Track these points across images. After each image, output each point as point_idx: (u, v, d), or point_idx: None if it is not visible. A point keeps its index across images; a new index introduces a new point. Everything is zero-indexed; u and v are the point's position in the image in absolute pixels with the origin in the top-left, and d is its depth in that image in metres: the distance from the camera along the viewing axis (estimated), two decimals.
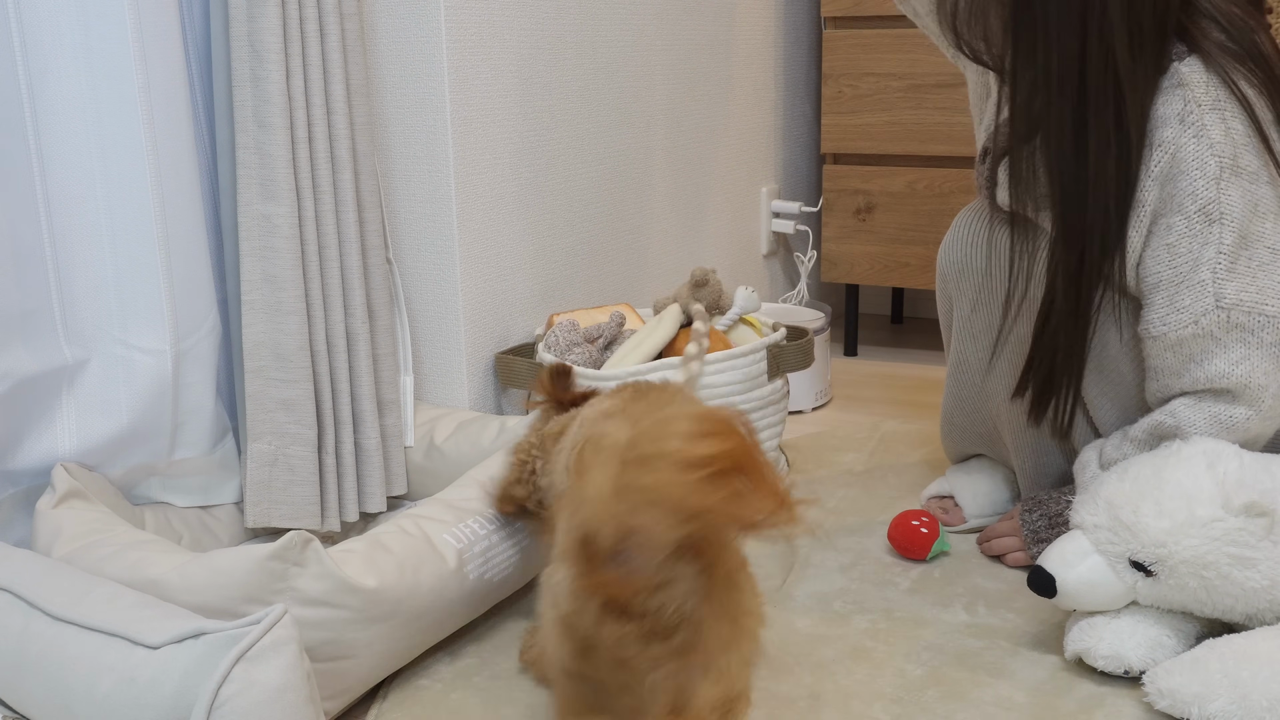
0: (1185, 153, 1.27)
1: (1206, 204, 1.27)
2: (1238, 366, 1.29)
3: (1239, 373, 1.29)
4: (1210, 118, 1.27)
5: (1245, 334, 1.28)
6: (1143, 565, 1.21)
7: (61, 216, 1.39)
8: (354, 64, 1.52)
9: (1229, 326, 1.28)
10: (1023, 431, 1.54)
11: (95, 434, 1.43)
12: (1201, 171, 1.27)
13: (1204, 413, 1.31)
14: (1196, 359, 1.31)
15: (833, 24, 2.45)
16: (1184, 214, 1.28)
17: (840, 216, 2.51)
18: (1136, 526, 1.20)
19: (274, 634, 1.02)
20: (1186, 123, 1.27)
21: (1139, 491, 1.22)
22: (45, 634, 1.10)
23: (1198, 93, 1.27)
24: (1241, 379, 1.29)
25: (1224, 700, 1.13)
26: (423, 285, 1.74)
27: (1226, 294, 1.28)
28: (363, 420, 1.58)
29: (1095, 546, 1.24)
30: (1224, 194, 1.27)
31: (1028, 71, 1.31)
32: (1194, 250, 1.28)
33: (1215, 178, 1.26)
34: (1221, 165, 1.26)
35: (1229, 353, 1.29)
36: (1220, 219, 1.27)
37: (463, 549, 1.33)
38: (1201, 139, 1.26)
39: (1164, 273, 1.30)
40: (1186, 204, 1.28)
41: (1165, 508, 1.19)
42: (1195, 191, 1.27)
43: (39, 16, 1.33)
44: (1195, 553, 1.18)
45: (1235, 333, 1.29)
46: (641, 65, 2.12)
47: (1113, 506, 1.23)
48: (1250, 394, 1.29)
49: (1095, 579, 1.23)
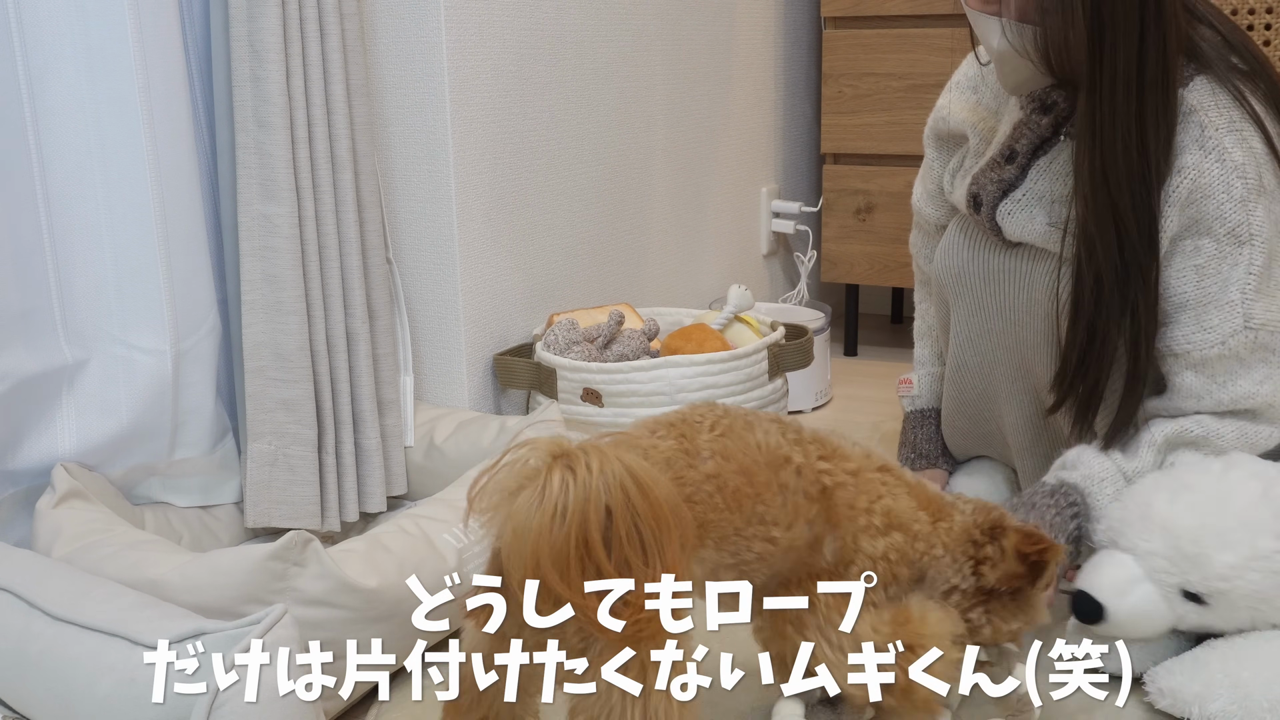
0: (1209, 177, 1.26)
1: (1235, 226, 1.26)
2: (1262, 386, 1.29)
3: (1264, 392, 1.29)
4: (1230, 140, 1.26)
5: (1269, 354, 1.28)
6: (1197, 596, 1.18)
7: (61, 216, 1.39)
8: (354, 64, 1.52)
9: (1255, 347, 1.28)
10: (1024, 432, 1.54)
11: (95, 434, 1.43)
12: (1228, 194, 1.26)
13: (1231, 426, 1.31)
14: (1220, 380, 1.30)
15: (833, 24, 2.45)
16: (1213, 236, 1.27)
17: (840, 216, 2.51)
18: (1200, 559, 1.17)
19: (274, 634, 1.02)
20: (1206, 148, 1.26)
21: (1200, 521, 1.18)
22: (45, 634, 1.10)
23: (1212, 116, 1.27)
24: (1266, 399, 1.29)
25: (1225, 700, 1.13)
26: (423, 285, 1.74)
27: (1255, 314, 1.27)
28: (363, 420, 1.58)
29: (1148, 574, 1.19)
30: (1252, 215, 1.26)
31: (1105, 76, 1.26)
32: (1223, 271, 1.28)
33: (1242, 200, 1.26)
34: (1247, 187, 1.26)
35: (1253, 373, 1.29)
36: (1250, 240, 1.26)
37: (463, 549, 1.33)
38: (1225, 162, 1.26)
39: (1190, 292, 1.29)
40: (1215, 227, 1.27)
41: (1229, 539, 1.16)
42: (1224, 215, 1.26)
43: (39, 16, 1.33)
44: (1257, 587, 1.16)
45: (1260, 353, 1.28)
46: (641, 65, 2.12)
47: (1172, 535, 1.18)
48: (1274, 413, 1.30)
49: (1147, 608, 1.19)
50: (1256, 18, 2.02)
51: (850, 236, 2.50)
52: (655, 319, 1.85)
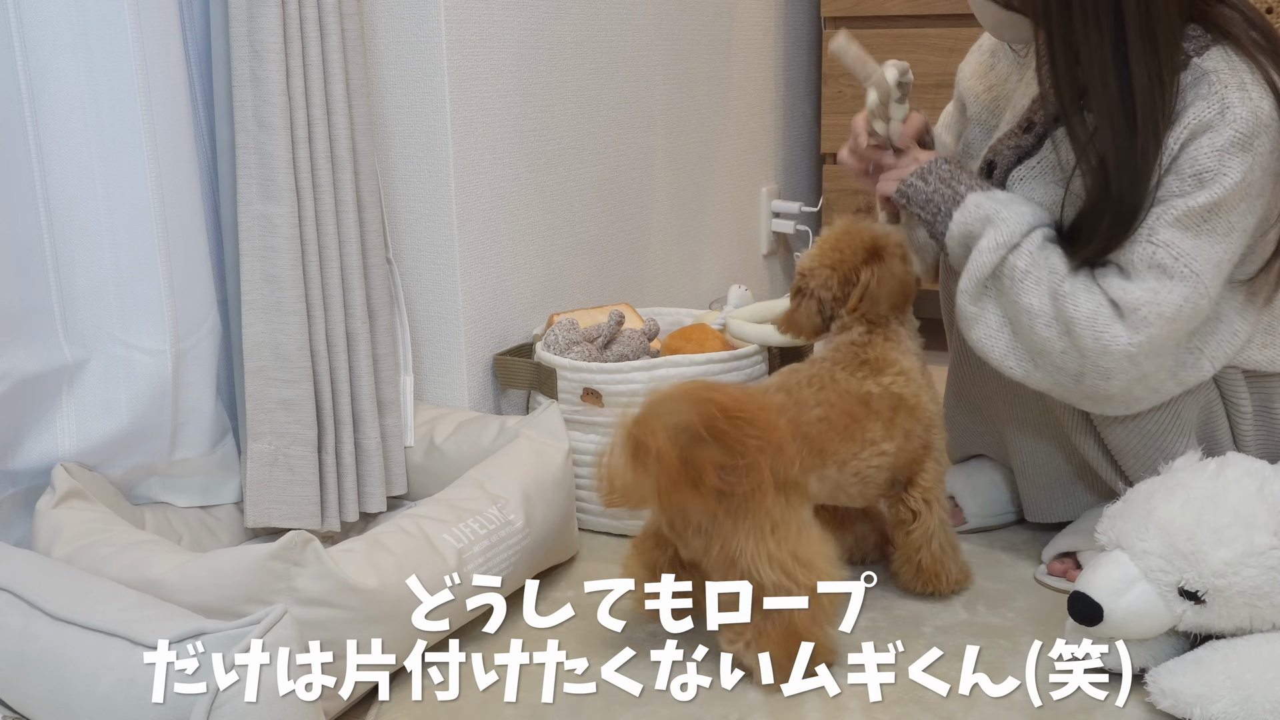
0: (1203, 124, 1.26)
1: (1203, 170, 1.26)
2: (1137, 290, 1.27)
3: (1136, 293, 1.27)
4: (1235, 96, 1.25)
5: (1162, 273, 1.27)
6: (1194, 594, 1.17)
7: (61, 216, 1.39)
8: (354, 64, 1.52)
9: (1151, 263, 1.27)
10: (1023, 431, 1.54)
11: (95, 434, 1.43)
12: (1212, 142, 1.25)
13: (1096, 298, 1.29)
14: (1114, 263, 1.30)
15: (833, 24, 2.45)
16: (1179, 175, 1.27)
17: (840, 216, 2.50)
18: (1195, 556, 1.16)
19: (274, 634, 1.02)
20: (1210, 100, 1.25)
21: (1195, 518, 1.17)
22: (45, 634, 1.10)
23: (1224, 75, 1.26)
24: (1136, 299, 1.27)
25: (1226, 702, 1.13)
26: (423, 285, 1.74)
27: (1160, 232, 1.27)
28: (363, 420, 1.58)
29: (1144, 574, 1.19)
30: (1224, 164, 1.25)
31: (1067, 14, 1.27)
32: (1170, 200, 1.27)
33: (1223, 149, 1.25)
34: (1234, 138, 1.25)
35: (1143, 279, 1.28)
36: (1209, 184, 1.26)
37: (463, 549, 1.33)
38: (1225, 115, 1.25)
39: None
40: (1184, 168, 1.27)
41: (1224, 535, 1.16)
42: (1196, 159, 1.26)
43: (39, 16, 1.33)
44: (1254, 583, 1.15)
45: (1155, 270, 1.27)
46: (641, 65, 2.12)
47: (1167, 533, 1.18)
48: (1135, 316, 1.27)
49: (1144, 608, 1.19)
50: None
51: None
52: (655, 319, 1.85)
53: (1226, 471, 1.21)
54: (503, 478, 1.46)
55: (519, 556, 1.39)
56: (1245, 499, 1.17)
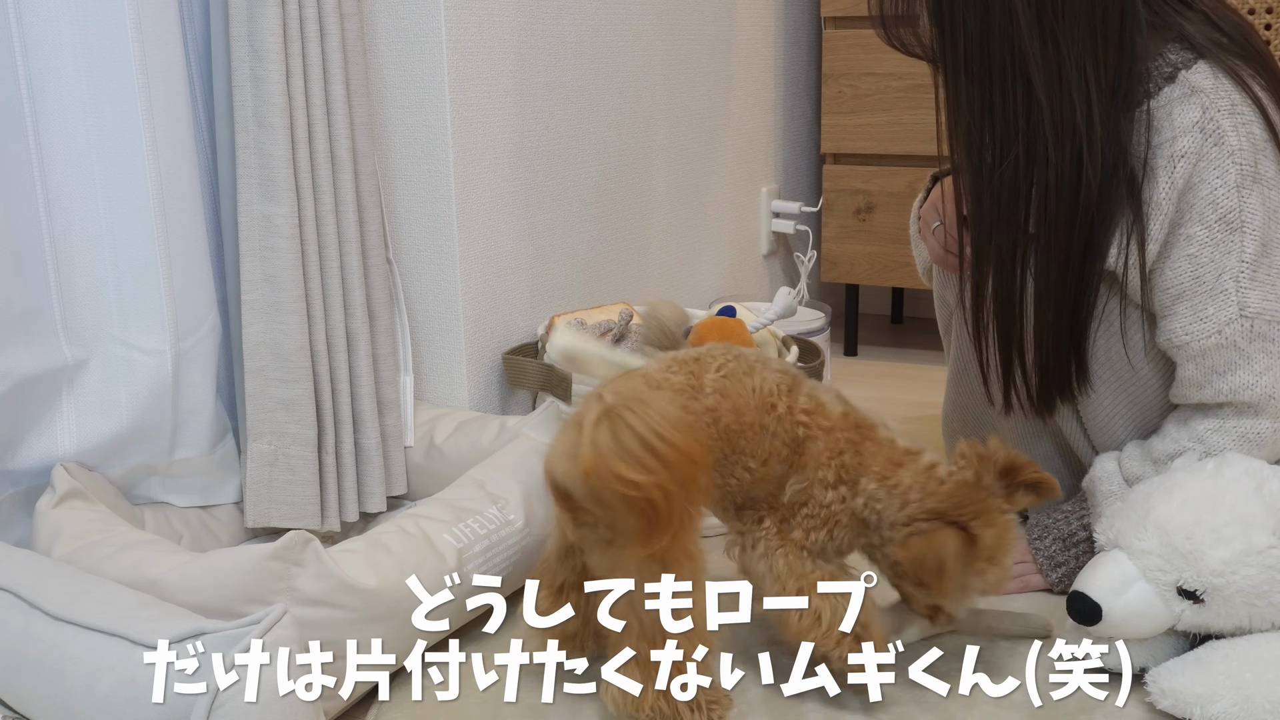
0: (1206, 161, 1.25)
1: (1227, 213, 1.25)
2: (1261, 378, 1.27)
3: (1263, 384, 1.27)
4: (1228, 123, 1.24)
5: (1268, 344, 1.27)
6: (1193, 593, 1.17)
7: (61, 216, 1.39)
8: (354, 64, 1.52)
9: (1252, 336, 1.27)
10: (1020, 443, 1.54)
11: (95, 434, 1.43)
12: (1222, 180, 1.24)
13: (1231, 435, 1.30)
14: (1220, 370, 1.29)
15: (833, 24, 2.45)
16: (1204, 224, 1.26)
17: (840, 216, 2.51)
18: (1193, 555, 1.16)
19: (274, 634, 1.02)
20: (1206, 130, 1.24)
21: (1193, 518, 1.17)
22: (45, 634, 1.10)
23: (1215, 98, 1.25)
24: (1265, 391, 1.27)
25: (1226, 702, 1.12)
26: (423, 285, 1.74)
27: (1250, 303, 1.26)
28: (363, 420, 1.58)
29: (1143, 573, 1.19)
30: (1245, 202, 1.25)
31: (948, 56, 1.28)
32: (1217, 260, 1.26)
33: (1236, 185, 1.24)
34: (1242, 173, 1.24)
35: (1252, 364, 1.28)
36: (1241, 227, 1.25)
37: (463, 549, 1.33)
38: (1222, 146, 1.24)
39: (1186, 283, 1.28)
40: (1207, 214, 1.26)
41: (1222, 535, 1.15)
42: (1216, 201, 1.25)
43: (39, 16, 1.33)
44: (1252, 582, 1.15)
45: (1259, 343, 1.27)
46: (641, 65, 2.12)
47: (1165, 533, 1.18)
48: (1274, 406, 1.28)
49: (1143, 607, 1.19)
50: (1257, 18, 2.02)
51: (850, 236, 2.50)
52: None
53: (1225, 471, 1.21)
54: (503, 477, 1.46)
55: (519, 556, 1.39)
56: (1243, 498, 1.17)
